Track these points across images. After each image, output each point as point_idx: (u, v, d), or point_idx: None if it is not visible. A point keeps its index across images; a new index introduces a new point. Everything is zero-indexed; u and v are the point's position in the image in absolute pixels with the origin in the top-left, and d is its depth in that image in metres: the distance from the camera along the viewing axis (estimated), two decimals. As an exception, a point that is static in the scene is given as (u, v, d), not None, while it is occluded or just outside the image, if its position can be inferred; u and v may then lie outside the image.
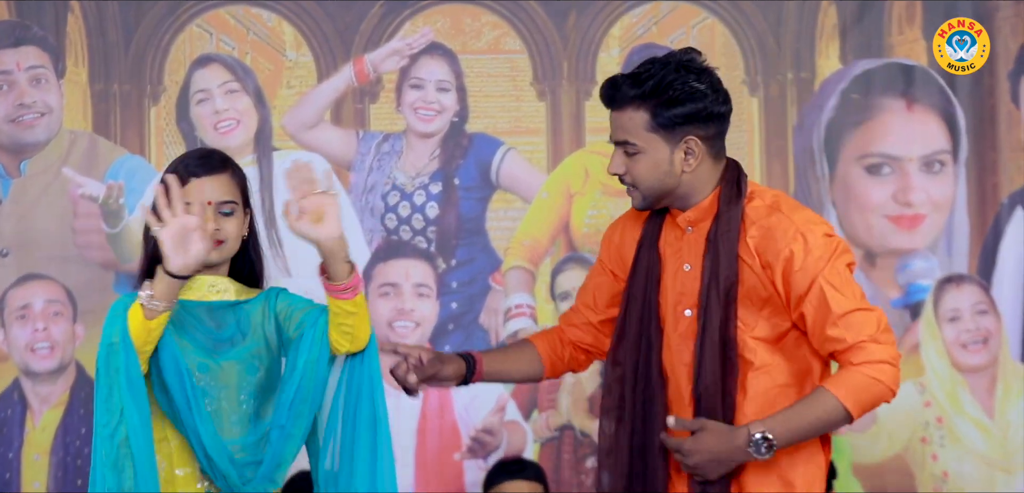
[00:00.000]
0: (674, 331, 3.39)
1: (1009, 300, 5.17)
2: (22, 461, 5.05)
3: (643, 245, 3.45)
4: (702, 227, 3.37)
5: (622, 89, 3.33)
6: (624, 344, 3.43)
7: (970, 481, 5.09)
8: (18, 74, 5.04)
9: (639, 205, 3.38)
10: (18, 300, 5.03)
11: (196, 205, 3.29)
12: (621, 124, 3.34)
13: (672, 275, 3.40)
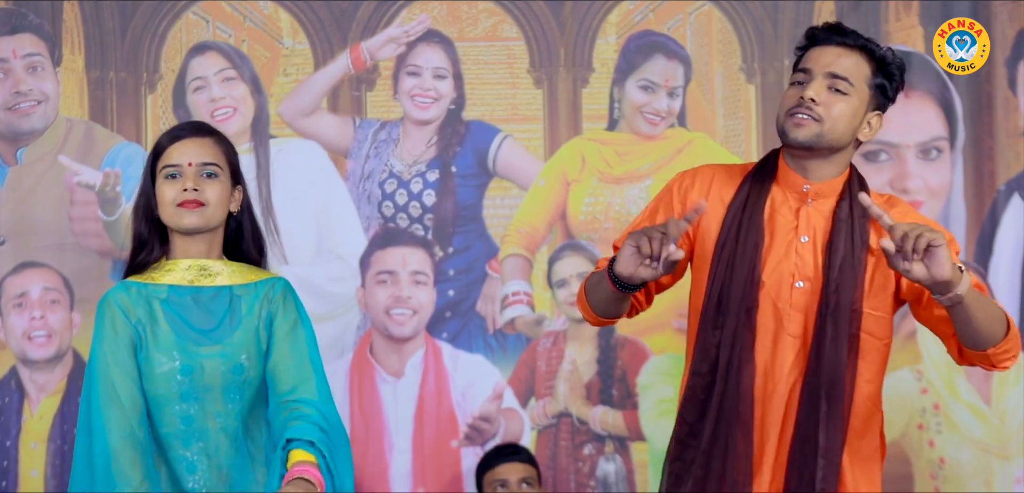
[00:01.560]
0: (786, 301, 3.33)
1: (1006, 286, 5.15)
2: (20, 449, 5.07)
3: (744, 210, 3.38)
4: (825, 204, 3.33)
5: (856, 36, 3.34)
6: (727, 306, 3.33)
7: (967, 467, 5.11)
8: (14, 62, 5.05)
9: (806, 140, 3.29)
10: (15, 288, 5.03)
11: (183, 166, 3.29)
12: (844, 61, 3.30)
13: (785, 243, 3.35)
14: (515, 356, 5.11)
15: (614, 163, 5.17)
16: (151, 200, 3.34)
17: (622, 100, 5.17)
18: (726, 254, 3.28)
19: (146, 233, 3.36)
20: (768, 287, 3.28)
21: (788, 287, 3.26)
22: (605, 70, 5.18)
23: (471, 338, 5.15)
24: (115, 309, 3.33)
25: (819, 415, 3.23)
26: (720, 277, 3.29)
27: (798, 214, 3.30)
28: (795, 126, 3.24)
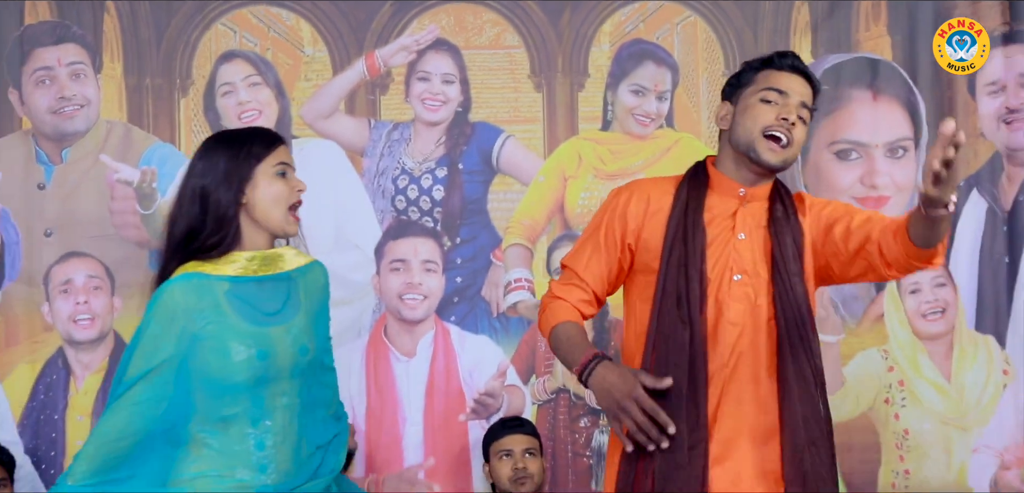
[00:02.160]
0: (726, 295, 3.38)
1: (965, 273, 5.20)
2: (67, 422, 5.09)
3: (686, 212, 3.42)
4: (757, 206, 3.38)
5: (808, 68, 3.41)
6: (664, 310, 3.37)
7: (928, 438, 5.14)
8: (59, 69, 5.09)
9: (776, 162, 3.34)
10: (61, 275, 5.08)
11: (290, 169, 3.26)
12: (806, 92, 3.38)
13: (722, 241, 3.40)
14: (517, 337, 5.13)
15: (608, 161, 5.20)
16: (244, 187, 3.21)
17: (615, 103, 5.20)
18: (676, 257, 3.34)
19: (231, 215, 3.23)
20: (711, 281, 3.35)
21: (728, 280, 3.35)
22: (599, 75, 5.19)
23: (477, 321, 5.18)
24: (179, 307, 3.24)
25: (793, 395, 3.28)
26: (673, 277, 3.35)
27: (735, 216, 3.38)
28: (771, 152, 3.31)
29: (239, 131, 3.43)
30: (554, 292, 3.54)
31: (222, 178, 3.19)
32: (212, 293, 3.18)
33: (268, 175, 3.20)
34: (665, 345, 3.31)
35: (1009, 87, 5.16)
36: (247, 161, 3.21)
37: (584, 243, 3.50)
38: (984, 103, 5.19)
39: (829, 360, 4.94)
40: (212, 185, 3.18)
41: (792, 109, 3.30)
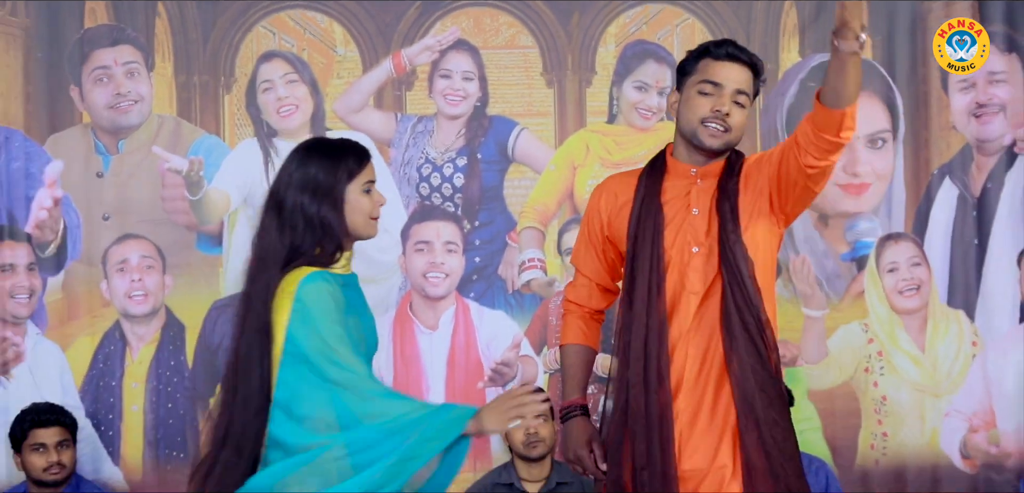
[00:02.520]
0: (686, 265, 3.40)
1: (938, 254, 5.25)
2: (123, 388, 5.19)
3: (644, 200, 3.46)
4: (709, 183, 3.41)
5: (745, 52, 3.40)
6: (639, 283, 3.41)
7: (904, 404, 5.21)
8: (116, 69, 5.18)
9: (717, 145, 3.37)
10: (117, 256, 5.18)
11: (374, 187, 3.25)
12: (744, 78, 3.37)
13: (680, 220, 3.42)
14: (531, 312, 5.22)
15: (613, 151, 5.26)
16: (342, 204, 3.19)
17: (620, 98, 5.26)
18: (637, 241, 3.41)
19: (338, 230, 3.19)
20: (672, 256, 3.39)
21: (688, 254, 3.39)
22: (605, 73, 5.27)
23: (494, 297, 5.26)
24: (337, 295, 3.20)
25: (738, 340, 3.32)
26: (631, 259, 3.43)
27: (688, 194, 3.42)
28: (710, 137, 3.36)
29: (335, 148, 3.31)
30: (568, 297, 3.63)
31: (323, 195, 3.15)
32: (340, 289, 3.18)
33: (357, 191, 3.19)
34: (632, 323, 3.39)
35: (979, 84, 5.20)
36: (341, 179, 3.17)
37: (579, 243, 3.63)
38: (956, 99, 5.24)
39: (814, 333, 5.10)
40: (315, 202, 3.14)
41: (726, 100, 3.32)
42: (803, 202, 3.44)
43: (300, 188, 3.17)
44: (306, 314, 3.08)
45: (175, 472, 5.15)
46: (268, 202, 3.24)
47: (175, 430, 5.22)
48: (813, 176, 3.34)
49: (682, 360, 3.37)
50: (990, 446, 5.22)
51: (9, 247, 5.16)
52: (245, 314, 3.19)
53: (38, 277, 5.18)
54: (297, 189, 3.17)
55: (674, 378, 3.37)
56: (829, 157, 3.33)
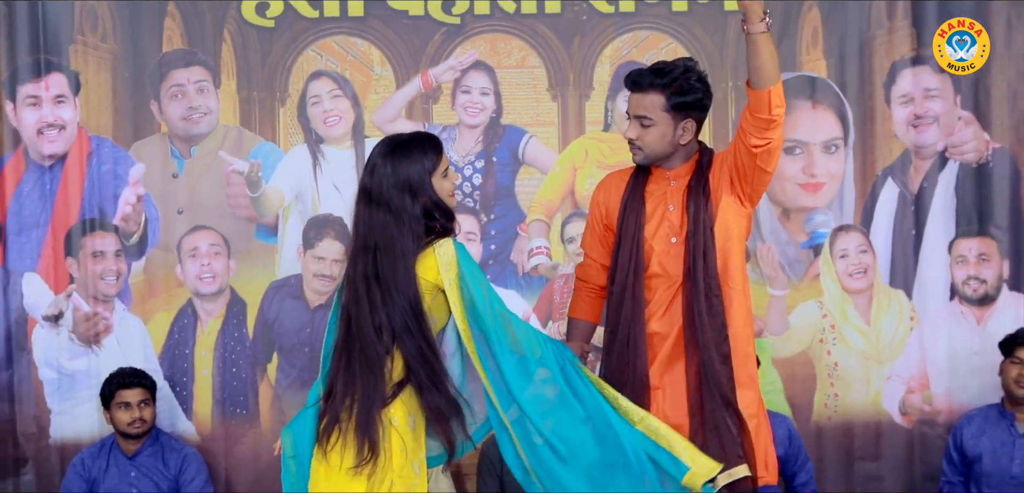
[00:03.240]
0: (665, 254, 3.49)
1: (881, 242, 5.35)
2: (195, 355, 5.32)
3: (631, 196, 3.54)
4: (682, 181, 3.51)
5: (647, 77, 3.44)
6: (621, 266, 3.51)
7: (854, 370, 5.35)
8: (189, 86, 5.29)
9: (639, 161, 3.49)
10: (190, 244, 5.31)
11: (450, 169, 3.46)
12: (642, 103, 3.44)
13: (660, 214, 3.51)
14: (538, 291, 5.33)
15: (608, 155, 5.32)
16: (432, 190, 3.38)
17: (613, 110, 5.32)
18: (623, 230, 3.55)
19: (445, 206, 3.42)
20: (654, 246, 3.52)
21: (666, 242, 3.53)
22: (601, 89, 5.34)
23: (507, 278, 5.35)
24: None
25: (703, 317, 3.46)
26: (616, 245, 3.57)
27: (667, 193, 3.55)
28: (633, 156, 3.56)
29: (415, 146, 3.40)
30: (578, 275, 3.75)
31: (418, 191, 3.34)
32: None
33: (439, 178, 3.40)
34: (619, 295, 3.55)
35: (916, 98, 5.28)
36: (427, 174, 3.38)
37: (586, 231, 3.78)
38: (897, 111, 5.29)
39: (777, 310, 5.24)
40: (413, 198, 3.32)
41: (632, 126, 3.48)
42: (760, 181, 3.49)
43: (399, 189, 3.32)
44: (474, 273, 3.30)
45: (238, 425, 5.28)
46: (370, 198, 3.33)
47: (238, 391, 5.31)
48: (759, 155, 3.41)
49: (657, 333, 3.51)
50: (924, 405, 5.35)
51: (100, 237, 5.25)
52: (383, 295, 3.28)
53: (124, 262, 5.27)
54: (397, 190, 3.31)
55: (650, 350, 3.50)
56: (766, 134, 3.38)
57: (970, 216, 5.36)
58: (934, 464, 5.30)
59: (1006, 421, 5.03)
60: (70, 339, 5.32)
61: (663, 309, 3.51)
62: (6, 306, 5.30)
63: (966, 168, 5.37)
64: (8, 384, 5.30)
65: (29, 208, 5.29)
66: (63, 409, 5.32)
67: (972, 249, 5.38)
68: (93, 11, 5.28)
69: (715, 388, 3.44)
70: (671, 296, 3.51)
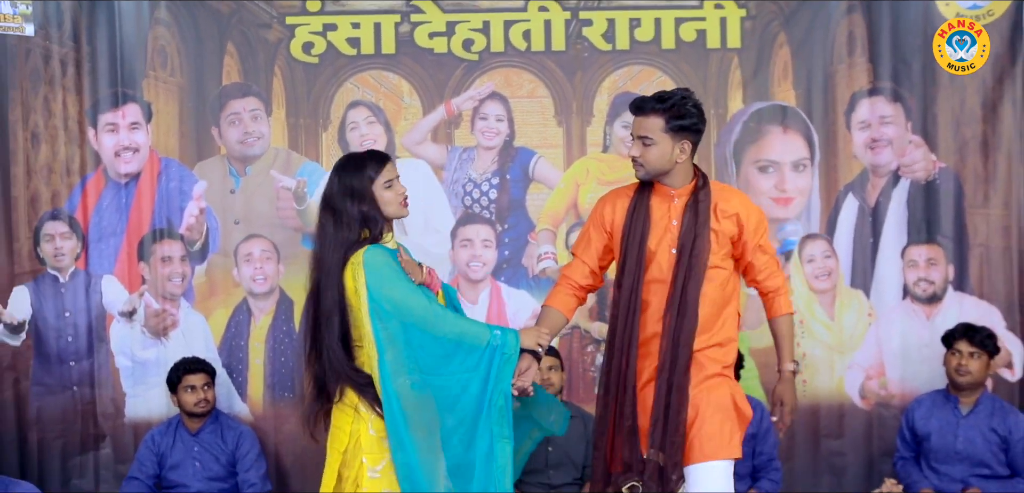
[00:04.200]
0: (664, 262, 3.50)
1: (843, 249, 5.43)
2: (249, 347, 5.42)
3: (636, 209, 3.54)
4: (684, 199, 3.53)
5: (649, 103, 3.48)
6: (626, 270, 3.52)
7: (820, 360, 5.43)
8: (244, 114, 5.39)
9: (641, 176, 3.50)
10: (245, 250, 5.41)
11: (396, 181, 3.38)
12: (644, 125, 3.46)
13: (663, 227, 3.52)
14: (545, 291, 4.88)
15: (606, 173, 5.38)
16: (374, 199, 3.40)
17: (611, 134, 5.39)
18: (628, 240, 3.60)
19: (376, 216, 3.39)
20: (656, 255, 3.58)
21: (667, 253, 3.58)
22: (601, 116, 5.41)
23: (519, 280, 5.41)
24: (389, 258, 3.38)
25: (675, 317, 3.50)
26: (623, 252, 3.61)
27: (670, 209, 3.58)
28: (635, 170, 3.58)
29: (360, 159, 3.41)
30: (564, 272, 3.74)
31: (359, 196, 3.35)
32: (389, 255, 3.44)
33: (381, 188, 3.39)
34: (621, 296, 3.60)
35: (873, 124, 5.35)
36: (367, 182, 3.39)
37: (582, 235, 3.78)
38: (856, 135, 5.36)
39: (755, 308, 4.89)
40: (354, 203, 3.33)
41: (635, 146, 3.49)
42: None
43: (342, 195, 3.34)
44: (376, 272, 3.25)
45: (285, 407, 5.31)
46: (322, 206, 3.38)
47: (286, 377, 5.38)
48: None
49: (649, 326, 3.57)
50: (880, 390, 5.40)
51: (168, 244, 5.34)
52: (319, 288, 3.32)
53: (188, 265, 5.35)
54: (340, 196, 3.34)
55: (643, 348, 3.56)
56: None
57: (920, 226, 5.40)
58: (889, 441, 5.34)
59: (951, 404, 5.13)
60: (142, 332, 5.39)
61: (659, 314, 3.55)
62: (88, 303, 5.38)
63: (916, 184, 5.41)
64: (89, 371, 5.39)
65: (108, 219, 5.37)
66: (136, 393, 5.40)
67: (922, 255, 5.43)
68: (163, 50, 5.36)
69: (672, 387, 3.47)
70: (665, 300, 3.56)
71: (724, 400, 3.50)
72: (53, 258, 5.36)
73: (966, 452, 5.02)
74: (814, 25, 5.32)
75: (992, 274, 5.39)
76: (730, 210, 3.57)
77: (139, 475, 5.15)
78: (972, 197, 5.38)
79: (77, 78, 5.31)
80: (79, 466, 5.40)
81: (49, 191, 5.32)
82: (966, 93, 5.32)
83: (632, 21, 5.32)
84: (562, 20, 5.32)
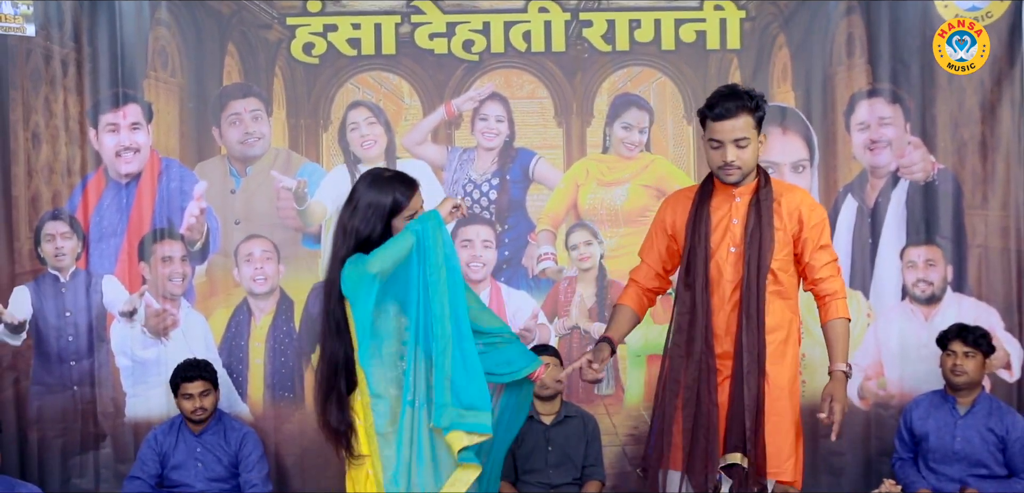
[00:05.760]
0: (724, 261, 3.51)
1: (843, 249, 5.36)
2: (250, 346, 5.40)
3: (698, 210, 3.54)
4: (746, 198, 3.54)
5: (737, 102, 3.41)
6: (693, 270, 3.53)
7: (819, 359, 5.04)
8: (245, 114, 5.36)
9: (736, 179, 3.46)
10: (245, 250, 5.38)
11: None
12: (736, 127, 3.41)
13: (723, 227, 3.53)
14: (545, 291, 5.38)
15: (606, 174, 5.39)
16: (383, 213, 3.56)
17: (611, 135, 5.38)
18: (692, 241, 3.59)
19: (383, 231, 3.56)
20: (716, 253, 3.57)
21: (726, 251, 3.57)
22: (600, 117, 5.39)
23: (518, 280, 5.40)
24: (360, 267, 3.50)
25: (750, 321, 3.49)
26: (688, 254, 3.60)
27: (731, 208, 3.59)
28: (727, 175, 3.51)
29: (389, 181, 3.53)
30: (632, 276, 3.77)
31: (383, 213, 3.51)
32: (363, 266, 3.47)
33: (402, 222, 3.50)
34: (689, 292, 3.58)
35: (871, 125, 5.33)
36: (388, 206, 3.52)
37: (647, 240, 3.77)
38: (855, 137, 5.33)
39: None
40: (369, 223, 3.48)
41: (728, 151, 3.46)
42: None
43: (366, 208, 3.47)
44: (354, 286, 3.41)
45: (286, 407, 5.31)
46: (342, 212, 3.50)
47: (286, 377, 5.36)
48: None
49: (717, 324, 3.56)
50: (879, 390, 5.39)
51: (168, 244, 5.33)
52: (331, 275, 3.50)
53: (189, 265, 5.33)
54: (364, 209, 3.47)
55: (715, 341, 3.56)
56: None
57: (918, 227, 5.38)
58: (888, 441, 5.32)
59: (948, 404, 5.10)
60: (143, 332, 5.37)
61: (721, 307, 3.55)
62: (88, 303, 5.37)
63: (915, 186, 5.40)
64: (90, 371, 5.38)
65: (108, 219, 5.36)
66: (136, 392, 5.38)
67: (920, 256, 5.42)
68: (164, 50, 5.34)
69: (746, 386, 3.50)
70: (728, 297, 3.56)
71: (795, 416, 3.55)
72: (54, 258, 5.36)
73: (964, 452, 5.00)
74: (813, 26, 5.31)
75: (990, 275, 5.38)
76: (792, 205, 3.55)
77: (141, 474, 5.12)
78: (971, 198, 5.37)
79: (78, 78, 5.30)
80: (79, 465, 5.39)
81: (50, 191, 5.32)
82: (965, 94, 5.30)
83: (632, 22, 5.31)
84: (562, 21, 5.31)
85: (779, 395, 3.50)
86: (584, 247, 5.37)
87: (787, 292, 3.57)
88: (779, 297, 3.55)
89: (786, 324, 3.57)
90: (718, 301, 3.51)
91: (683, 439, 3.50)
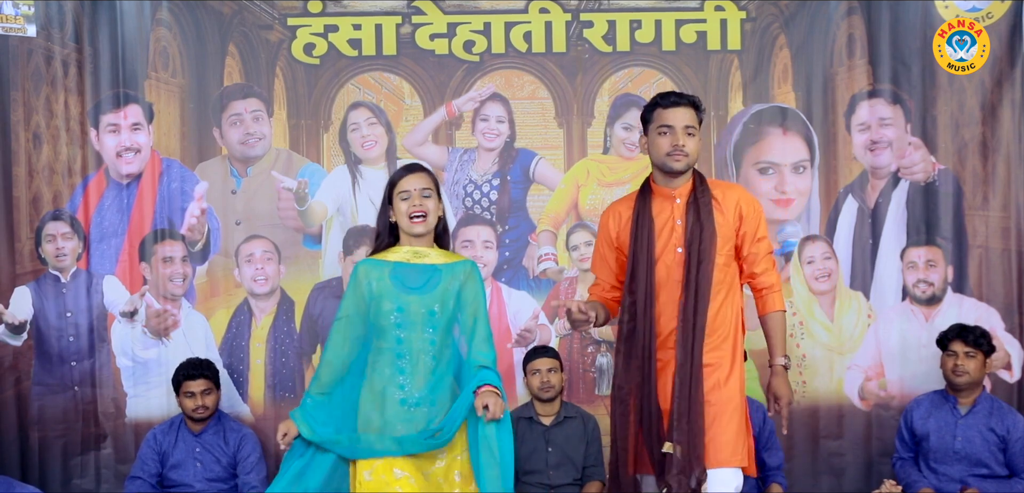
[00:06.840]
0: (672, 262, 3.54)
1: (843, 250, 5.42)
2: (250, 347, 5.40)
3: (640, 215, 3.58)
4: (684, 198, 3.57)
5: (685, 96, 3.56)
6: (636, 276, 3.57)
7: (819, 360, 5.42)
8: (246, 115, 5.36)
9: (684, 167, 3.52)
10: (246, 251, 5.38)
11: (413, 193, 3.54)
12: (687, 115, 3.52)
13: (669, 229, 3.55)
14: (546, 292, 5.38)
15: (607, 174, 5.39)
16: (388, 212, 3.63)
17: (612, 136, 5.39)
18: (636, 245, 3.65)
19: (386, 232, 3.66)
20: (663, 256, 3.62)
21: (673, 252, 3.63)
22: (601, 117, 5.40)
23: (519, 281, 5.40)
24: (361, 279, 3.59)
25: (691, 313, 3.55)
26: (632, 259, 3.66)
27: (673, 210, 3.63)
28: (675, 161, 3.55)
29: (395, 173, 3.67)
30: (590, 290, 3.87)
31: (384, 202, 3.65)
32: (380, 269, 3.59)
33: (397, 201, 3.57)
34: (631, 297, 3.67)
35: (872, 126, 5.34)
36: (387, 196, 3.61)
37: (595, 255, 3.82)
38: (856, 137, 5.34)
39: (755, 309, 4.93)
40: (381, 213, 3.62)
41: (680, 136, 3.51)
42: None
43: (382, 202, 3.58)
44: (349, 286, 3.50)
45: (287, 407, 5.20)
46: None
47: (287, 377, 5.35)
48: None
49: (663, 325, 3.61)
50: (879, 390, 5.40)
51: (169, 244, 5.32)
52: None
53: (189, 266, 5.33)
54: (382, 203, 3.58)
55: (658, 338, 3.61)
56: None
57: (919, 228, 5.39)
58: (888, 441, 5.33)
59: (949, 404, 5.08)
60: (143, 332, 5.37)
61: (668, 306, 3.59)
62: (89, 304, 5.36)
63: (915, 186, 5.41)
64: (90, 371, 5.37)
65: (109, 220, 5.35)
66: (137, 393, 5.37)
67: (921, 256, 5.42)
68: (165, 50, 5.35)
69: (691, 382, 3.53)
70: (679, 298, 3.59)
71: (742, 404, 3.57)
72: (54, 258, 5.36)
73: (965, 452, 4.98)
74: (814, 27, 5.33)
75: (991, 276, 5.39)
76: (730, 201, 3.61)
77: (141, 474, 5.10)
78: (971, 199, 5.37)
79: (79, 79, 5.29)
80: (80, 466, 5.38)
81: (51, 191, 5.32)
82: (965, 95, 5.31)
83: (633, 23, 5.32)
84: (563, 22, 5.31)
85: (719, 384, 3.51)
86: (585, 247, 5.35)
87: (732, 285, 3.59)
88: (724, 289, 3.56)
89: (732, 317, 3.58)
90: (665, 301, 3.52)
91: (646, 441, 3.54)
